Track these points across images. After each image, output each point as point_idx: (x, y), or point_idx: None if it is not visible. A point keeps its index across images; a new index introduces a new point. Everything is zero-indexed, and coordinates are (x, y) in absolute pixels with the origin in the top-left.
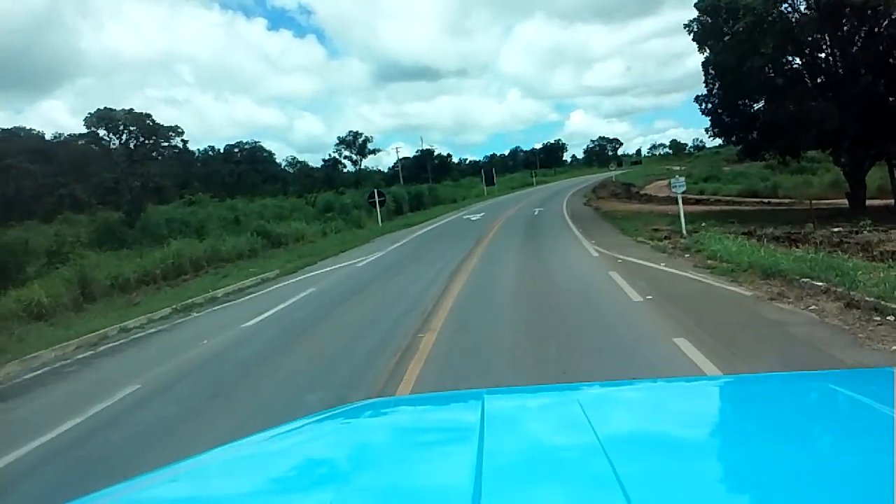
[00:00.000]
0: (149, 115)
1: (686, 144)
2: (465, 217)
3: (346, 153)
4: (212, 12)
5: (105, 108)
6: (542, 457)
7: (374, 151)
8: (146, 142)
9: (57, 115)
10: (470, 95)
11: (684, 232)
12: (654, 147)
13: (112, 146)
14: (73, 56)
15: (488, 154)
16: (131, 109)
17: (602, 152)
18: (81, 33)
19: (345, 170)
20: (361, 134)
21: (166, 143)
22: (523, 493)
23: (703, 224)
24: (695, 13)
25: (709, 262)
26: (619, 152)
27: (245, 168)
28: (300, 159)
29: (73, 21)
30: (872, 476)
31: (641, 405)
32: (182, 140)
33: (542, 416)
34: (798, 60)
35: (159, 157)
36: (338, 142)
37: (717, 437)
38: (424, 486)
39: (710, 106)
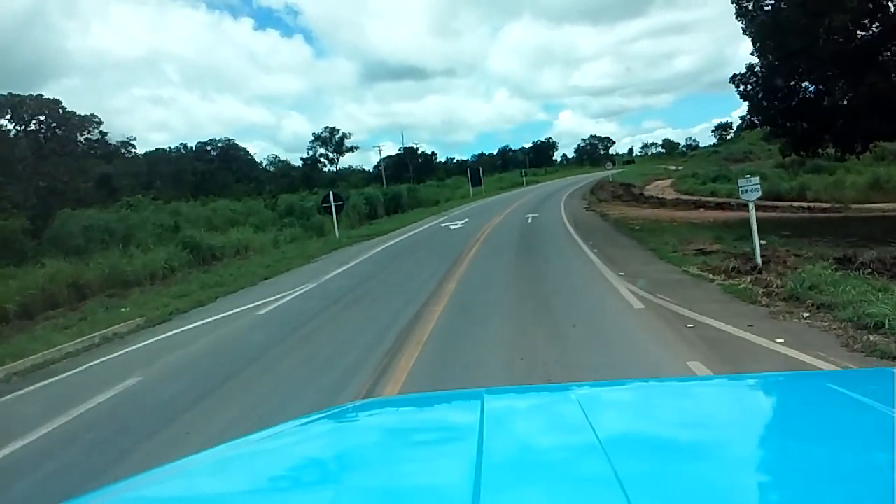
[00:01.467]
0: (58, 102)
1: (678, 143)
2: (443, 225)
3: (322, 150)
4: (198, 11)
5: (9, 94)
6: (541, 456)
7: (352, 149)
8: (58, 133)
9: None
10: (458, 95)
11: (758, 261)
12: (645, 146)
13: (17, 137)
14: (58, 55)
15: (476, 153)
16: (40, 95)
17: (593, 151)
18: (67, 32)
19: (325, 169)
20: (338, 130)
21: (83, 137)
22: (523, 493)
23: (764, 242)
24: None
25: (870, 338)
26: (611, 151)
27: (218, 167)
28: (283, 158)
29: (58, 20)
30: (872, 476)
31: (641, 405)
32: (101, 132)
33: (541, 415)
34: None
35: (127, 154)
36: (313, 138)
37: (717, 436)
38: (423, 485)
39: (749, 88)
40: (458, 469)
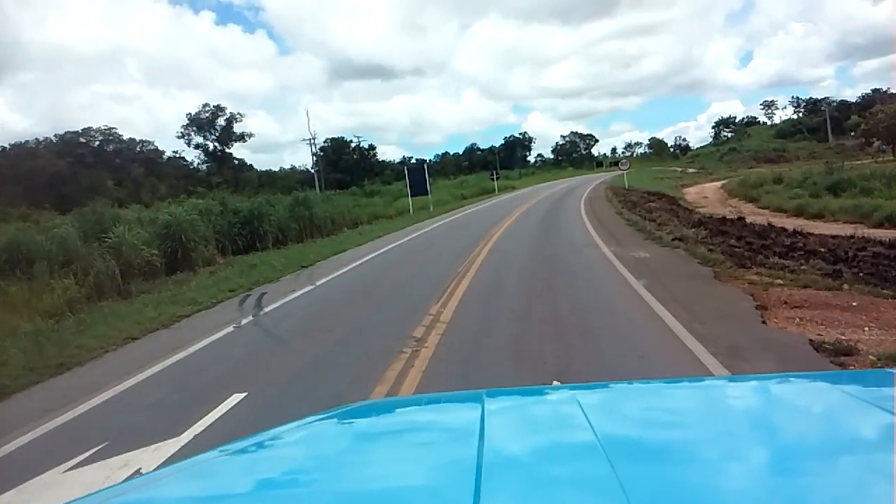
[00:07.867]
0: None
1: (666, 143)
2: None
3: (199, 139)
4: (158, 4)
5: None
6: (542, 459)
7: (243, 137)
8: None
9: None
10: (426, 95)
11: None
12: (629, 146)
13: None
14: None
15: (441, 153)
16: None
17: (573, 150)
18: (22, 25)
19: (265, 168)
20: (224, 109)
21: None
22: (524, 496)
23: None
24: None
25: None
26: (594, 151)
27: (91, 163)
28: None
29: (12, 12)
30: (873, 477)
31: (641, 406)
32: None
33: (542, 417)
34: None
35: None
36: (187, 121)
37: (717, 437)
38: (423, 488)
39: None
40: (459, 472)
